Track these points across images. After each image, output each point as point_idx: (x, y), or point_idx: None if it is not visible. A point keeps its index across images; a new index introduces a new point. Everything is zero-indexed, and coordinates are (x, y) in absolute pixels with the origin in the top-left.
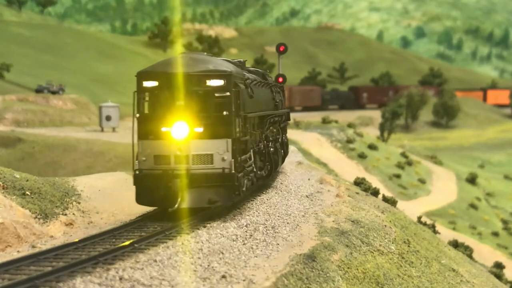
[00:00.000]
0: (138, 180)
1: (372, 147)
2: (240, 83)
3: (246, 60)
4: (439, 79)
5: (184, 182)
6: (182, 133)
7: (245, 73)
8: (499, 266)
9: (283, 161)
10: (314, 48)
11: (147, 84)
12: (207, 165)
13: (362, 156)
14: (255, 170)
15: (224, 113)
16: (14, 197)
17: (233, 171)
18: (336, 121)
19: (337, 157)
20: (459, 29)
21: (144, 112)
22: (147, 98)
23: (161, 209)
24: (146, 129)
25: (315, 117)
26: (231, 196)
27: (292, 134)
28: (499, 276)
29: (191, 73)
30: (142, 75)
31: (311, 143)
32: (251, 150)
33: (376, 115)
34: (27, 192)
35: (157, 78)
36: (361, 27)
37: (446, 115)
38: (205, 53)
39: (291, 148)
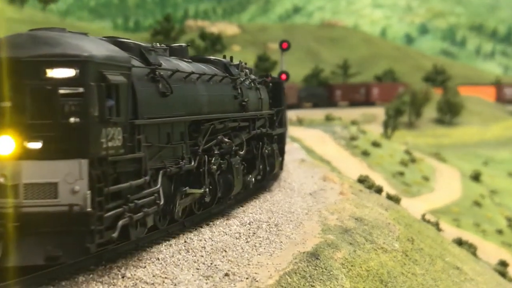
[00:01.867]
0: None
1: (375, 144)
2: (119, 74)
3: (188, 45)
4: (442, 76)
5: (10, 226)
6: (7, 150)
7: (175, 62)
8: (503, 264)
9: (264, 177)
10: (317, 45)
11: None
12: (48, 200)
13: (365, 154)
14: (159, 201)
15: (72, 120)
16: None
17: (88, 209)
18: (340, 118)
19: (341, 155)
20: (463, 25)
21: None
22: None
23: None
24: None
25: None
26: (86, 249)
27: (295, 131)
28: (503, 274)
29: (23, 59)
30: None
31: (314, 140)
32: (160, 172)
33: (379, 112)
34: None
35: None
36: (364, 24)
37: (450, 112)
38: (66, 29)
39: (294, 145)
